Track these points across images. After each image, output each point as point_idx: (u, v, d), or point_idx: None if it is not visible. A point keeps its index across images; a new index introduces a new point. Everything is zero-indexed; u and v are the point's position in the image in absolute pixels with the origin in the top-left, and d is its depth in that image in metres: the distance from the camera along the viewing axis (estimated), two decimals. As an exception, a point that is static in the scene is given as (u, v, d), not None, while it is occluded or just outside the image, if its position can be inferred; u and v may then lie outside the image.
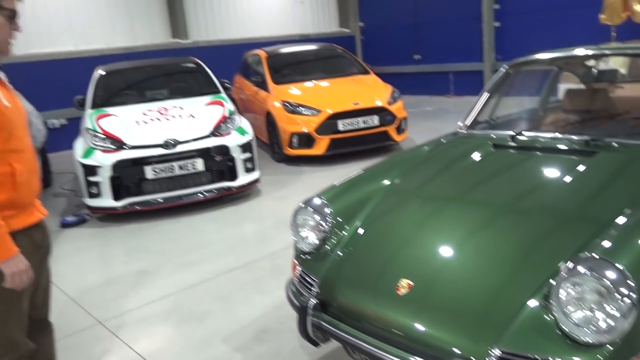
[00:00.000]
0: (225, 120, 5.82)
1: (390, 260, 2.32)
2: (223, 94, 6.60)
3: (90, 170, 5.31)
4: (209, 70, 7.05)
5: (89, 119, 5.83)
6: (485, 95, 3.55)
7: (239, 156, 5.68)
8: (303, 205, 2.68)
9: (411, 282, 2.09)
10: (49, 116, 8.89)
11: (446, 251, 2.26)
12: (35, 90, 8.05)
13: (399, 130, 7.46)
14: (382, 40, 14.31)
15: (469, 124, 3.40)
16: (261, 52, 8.65)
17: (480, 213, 2.50)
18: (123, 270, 4.39)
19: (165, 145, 5.36)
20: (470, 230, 2.33)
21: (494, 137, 3.09)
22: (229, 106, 6.18)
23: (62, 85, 9.18)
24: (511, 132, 3.00)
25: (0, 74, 2.13)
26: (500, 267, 2.06)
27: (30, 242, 2.09)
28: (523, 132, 3.00)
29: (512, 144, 2.92)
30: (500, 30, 11.82)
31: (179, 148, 5.40)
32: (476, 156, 2.95)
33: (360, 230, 2.55)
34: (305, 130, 7.03)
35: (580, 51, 3.39)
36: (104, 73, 6.71)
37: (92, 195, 5.37)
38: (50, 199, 6.46)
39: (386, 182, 2.86)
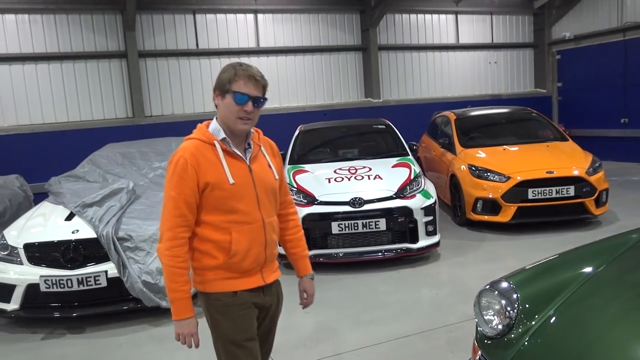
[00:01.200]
0: (410, 182, 5.93)
1: (582, 359, 2.12)
2: (410, 156, 6.75)
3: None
4: (397, 132, 7.29)
5: (287, 174, 6.39)
6: None
7: (421, 219, 5.71)
8: (489, 287, 2.59)
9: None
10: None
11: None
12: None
13: (599, 202, 6.81)
14: (582, 101, 13.35)
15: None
16: (450, 114, 8.68)
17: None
18: (304, 319, 4.63)
19: (352, 203, 5.63)
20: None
21: None
22: (415, 168, 6.29)
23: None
24: None
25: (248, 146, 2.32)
26: None
27: (242, 303, 2.27)
28: None
29: None
30: None
31: (365, 207, 5.62)
32: (699, 252, 2.57)
33: (552, 321, 2.37)
34: (491, 196, 6.80)
35: None
36: (303, 131, 7.35)
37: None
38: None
39: (586, 270, 2.63)
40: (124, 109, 10.65)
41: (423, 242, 5.76)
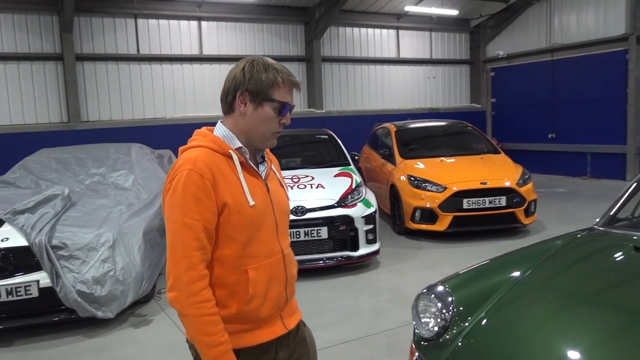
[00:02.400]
0: (351, 191, 6.05)
1: (511, 358, 2.25)
2: (352, 166, 6.88)
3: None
4: (340, 142, 7.42)
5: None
6: (628, 191, 3.37)
7: (361, 227, 5.83)
8: (425, 291, 2.70)
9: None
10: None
11: (573, 356, 2.14)
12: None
13: (528, 212, 7.19)
14: (513, 116, 14.08)
15: (607, 221, 3.23)
16: (390, 126, 8.92)
17: (616, 318, 2.34)
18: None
19: (295, 211, 5.68)
20: (602, 336, 2.19)
21: (635, 238, 2.91)
22: (357, 178, 6.42)
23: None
24: (656, 236, 2.81)
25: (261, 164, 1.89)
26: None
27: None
28: (670, 237, 2.79)
29: (657, 248, 2.73)
30: (648, 112, 11.09)
31: (307, 215, 5.69)
32: (614, 257, 2.79)
33: (483, 322, 2.50)
34: (428, 205, 7.03)
35: None
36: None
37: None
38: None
39: (514, 274, 2.79)
40: (59, 114, 10.26)
41: (363, 250, 5.89)
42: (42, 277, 4.36)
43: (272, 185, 1.88)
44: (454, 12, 13.38)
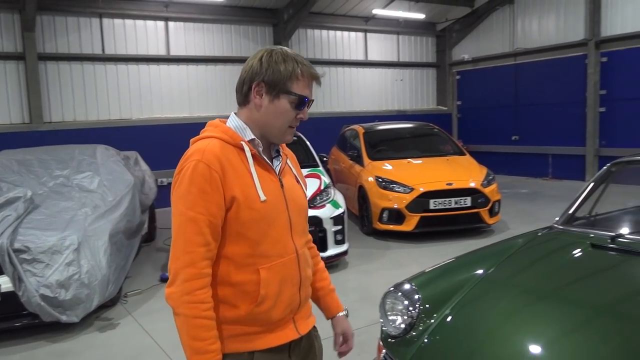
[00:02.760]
0: (320, 192, 6.09)
1: (475, 353, 2.31)
2: (321, 168, 6.92)
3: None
4: (309, 144, 7.45)
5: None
6: (585, 191, 3.50)
7: (330, 228, 5.87)
8: (392, 289, 2.76)
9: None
10: (160, 175, 9.62)
11: (535, 350, 2.22)
12: (152, 151, 8.94)
13: (492, 212, 7.36)
14: (479, 118, 14.37)
15: (566, 220, 3.35)
16: (359, 128, 9.00)
17: (574, 313, 2.43)
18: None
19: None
20: (562, 330, 2.27)
21: (592, 236, 3.03)
22: (325, 179, 6.46)
23: (174, 146, 10.00)
24: (611, 233, 2.93)
25: (276, 158, 1.79)
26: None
27: None
28: (624, 235, 2.92)
29: (612, 245, 2.85)
30: (605, 115, 11.50)
31: (276, 216, 5.69)
32: (573, 254, 2.90)
33: (448, 319, 2.56)
34: (396, 206, 7.13)
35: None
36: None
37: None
38: (153, 253, 6.98)
39: (478, 272, 2.87)
40: (20, 114, 9.97)
41: (332, 250, 5.93)
42: (4, 282, 4.26)
43: (287, 181, 1.76)
44: (420, 16, 13.59)
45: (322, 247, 5.88)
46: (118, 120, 10.76)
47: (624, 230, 3.11)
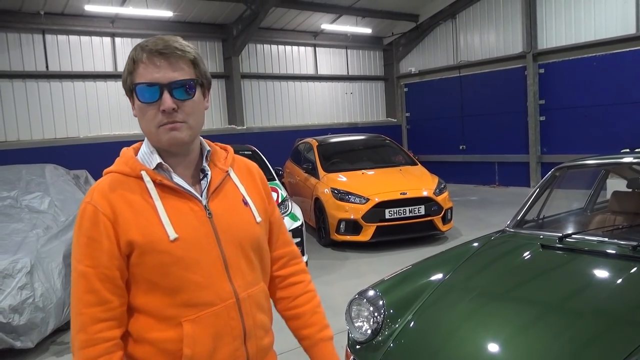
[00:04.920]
0: (278, 206, 6.13)
1: (438, 354, 2.41)
2: (277, 181, 6.96)
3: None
4: (264, 158, 7.48)
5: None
6: (532, 196, 3.70)
7: (289, 241, 5.90)
8: (358, 296, 2.83)
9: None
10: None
11: (493, 348, 2.33)
12: (102, 169, 8.68)
13: (445, 220, 7.58)
14: (427, 129, 14.78)
15: (516, 223, 3.54)
16: (312, 141, 9.10)
17: (528, 311, 2.57)
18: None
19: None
20: (517, 327, 2.40)
21: (542, 237, 3.21)
22: (282, 192, 6.51)
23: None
24: (559, 234, 3.11)
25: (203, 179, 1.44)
26: (550, 369, 2.12)
27: None
28: (570, 235, 3.11)
29: (560, 245, 3.03)
30: (545, 124, 12.07)
31: (234, 231, 5.68)
32: (524, 255, 3.06)
33: (411, 324, 2.66)
34: (352, 217, 7.24)
35: (626, 157, 3.54)
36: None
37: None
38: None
39: (437, 276, 2.99)
40: (-41, 134, 9.57)
41: (292, 263, 5.96)
42: (-48, 309, 4.06)
43: (220, 206, 1.41)
44: (367, 31, 13.91)
45: (282, 260, 5.91)
46: (65, 138, 10.46)
47: (570, 230, 3.31)
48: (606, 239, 2.99)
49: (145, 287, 1.32)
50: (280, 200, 6.25)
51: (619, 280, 2.61)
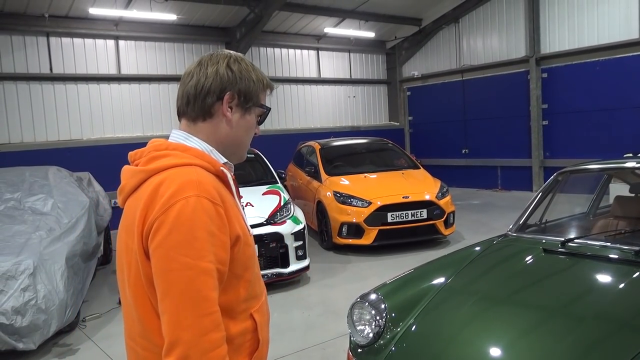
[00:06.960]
0: (280, 209, 6.13)
1: (439, 358, 2.41)
2: (279, 184, 6.97)
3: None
4: (267, 161, 7.49)
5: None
6: (535, 200, 3.70)
7: (291, 244, 5.91)
8: (359, 300, 2.83)
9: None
10: (114, 196, 9.43)
11: (495, 352, 2.33)
12: (105, 171, 8.76)
13: (447, 224, 7.58)
14: (430, 133, 14.78)
15: (519, 227, 3.54)
16: (315, 144, 9.12)
17: (530, 315, 2.57)
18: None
19: (224, 230, 5.66)
20: (519, 332, 2.40)
21: (544, 241, 3.21)
22: (285, 195, 6.52)
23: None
24: (561, 238, 3.11)
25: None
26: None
27: None
28: (573, 239, 3.11)
29: (562, 249, 3.03)
30: (548, 128, 12.06)
31: (237, 234, 5.69)
32: (527, 260, 3.06)
33: (413, 327, 2.66)
34: (355, 220, 7.24)
35: (629, 162, 3.54)
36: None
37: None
38: (110, 275, 6.81)
39: (440, 280, 2.99)
40: (-37, 136, 9.60)
41: (294, 266, 5.97)
42: (-46, 311, 4.07)
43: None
44: (370, 35, 13.93)
45: (284, 263, 5.91)
46: (68, 140, 10.49)
47: (573, 235, 3.31)
48: (609, 244, 2.99)
49: (229, 283, 1.30)
50: (282, 204, 6.25)
51: (622, 285, 2.60)
